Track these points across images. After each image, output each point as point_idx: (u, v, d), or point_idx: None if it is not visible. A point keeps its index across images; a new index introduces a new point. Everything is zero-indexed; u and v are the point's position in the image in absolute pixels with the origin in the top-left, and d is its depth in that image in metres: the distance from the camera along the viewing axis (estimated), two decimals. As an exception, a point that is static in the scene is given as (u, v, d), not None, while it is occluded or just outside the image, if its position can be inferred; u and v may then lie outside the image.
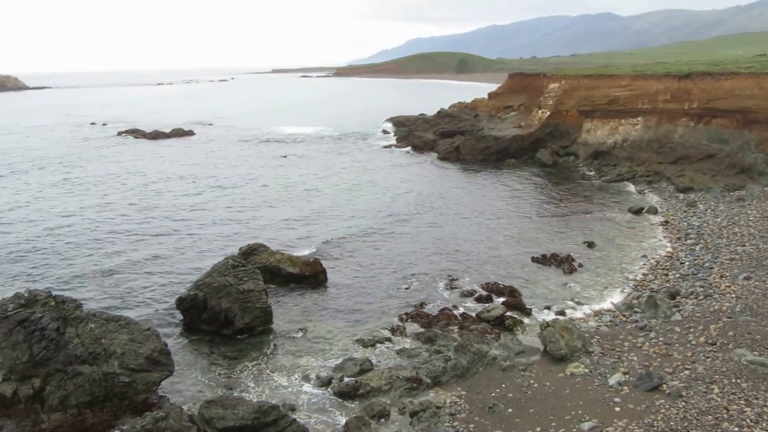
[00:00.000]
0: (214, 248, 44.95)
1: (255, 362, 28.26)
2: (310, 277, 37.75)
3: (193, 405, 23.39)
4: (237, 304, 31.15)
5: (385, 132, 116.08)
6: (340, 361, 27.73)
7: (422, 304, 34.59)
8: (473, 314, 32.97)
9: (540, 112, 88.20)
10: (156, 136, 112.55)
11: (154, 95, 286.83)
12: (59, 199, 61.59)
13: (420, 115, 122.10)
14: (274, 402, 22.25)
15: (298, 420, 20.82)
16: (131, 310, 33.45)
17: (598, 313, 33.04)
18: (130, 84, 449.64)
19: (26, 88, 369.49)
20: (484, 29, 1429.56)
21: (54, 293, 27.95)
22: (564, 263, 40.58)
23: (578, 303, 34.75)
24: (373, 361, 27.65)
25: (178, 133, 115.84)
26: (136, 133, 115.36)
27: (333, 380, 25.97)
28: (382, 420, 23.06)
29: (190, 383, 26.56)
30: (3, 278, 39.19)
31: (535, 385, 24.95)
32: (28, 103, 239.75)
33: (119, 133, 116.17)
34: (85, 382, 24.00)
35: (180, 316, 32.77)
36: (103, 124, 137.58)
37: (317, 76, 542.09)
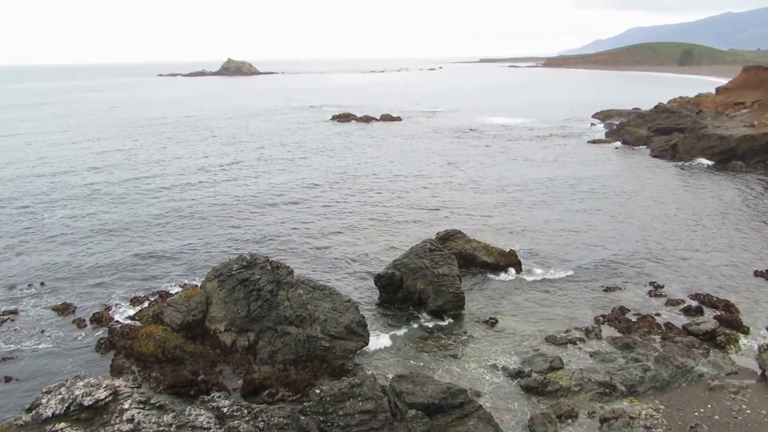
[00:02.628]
0: (412, 231, 46.48)
1: (444, 344, 28.79)
2: (504, 267, 37.42)
3: (384, 377, 24.54)
4: (431, 287, 31.95)
5: (593, 126, 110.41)
6: (529, 355, 27.17)
7: (622, 308, 32.51)
8: (679, 325, 30.24)
9: (779, 109, 77.37)
10: (366, 120, 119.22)
11: (366, 82, 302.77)
12: (274, 176, 68.06)
13: (634, 109, 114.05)
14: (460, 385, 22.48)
15: (483, 406, 20.80)
16: (334, 282, 35.95)
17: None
18: (346, 71, 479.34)
19: (258, 73, 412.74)
20: (717, 17, 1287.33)
21: (271, 258, 31.04)
22: (797, 282, 35.43)
23: (812, 329, 30.15)
24: (564, 360, 26.68)
25: (386, 118, 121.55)
26: (348, 117, 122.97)
27: (521, 373, 25.54)
28: (569, 420, 22.22)
29: (382, 356, 27.85)
30: (237, 242, 44.40)
31: (748, 411, 22.25)
32: (257, 87, 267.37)
33: (333, 117, 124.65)
34: (291, 342, 26.36)
35: (377, 292, 34.49)
36: (320, 108, 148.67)
37: (526, 67, 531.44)
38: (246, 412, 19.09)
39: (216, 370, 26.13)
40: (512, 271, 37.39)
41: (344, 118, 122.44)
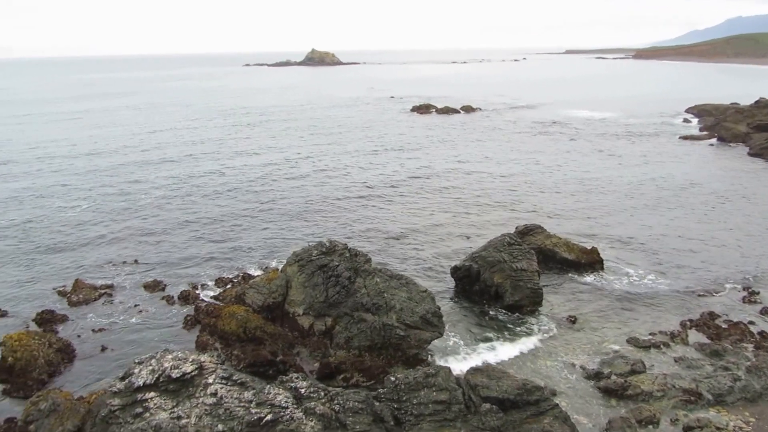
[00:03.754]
0: (490, 224, 45.97)
1: (519, 340, 28.39)
2: (586, 265, 36.38)
3: (458, 369, 24.48)
4: (509, 281, 31.53)
5: (686, 121, 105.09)
6: (609, 356, 26.36)
7: (711, 314, 30.92)
8: (776, 335, 28.48)
9: None
10: (446, 111, 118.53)
11: (448, 73, 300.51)
12: (354, 167, 68.86)
13: (732, 104, 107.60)
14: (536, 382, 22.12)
15: (559, 405, 20.39)
16: (410, 272, 36.10)
17: None
18: (427, 62, 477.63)
19: (340, 63, 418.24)
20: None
21: (350, 246, 31.51)
22: None
23: None
24: (647, 364, 25.70)
25: (467, 109, 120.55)
26: (428, 108, 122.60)
27: (600, 374, 24.83)
28: (650, 427, 21.42)
29: (456, 348, 27.78)
30: (318, 229, 45.40)
31: None
32: (340, 77, 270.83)
33: (413, 108, 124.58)
34: (367, 329, 26.71)
35: (453, 284, 34.38)
36: (401, 98, 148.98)
37: (614, 58, 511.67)
38: (323, 394, 19.54)
39: (293, 352, 26.88)
40: (594, 269, 36.30)
41: (424, 109, 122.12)
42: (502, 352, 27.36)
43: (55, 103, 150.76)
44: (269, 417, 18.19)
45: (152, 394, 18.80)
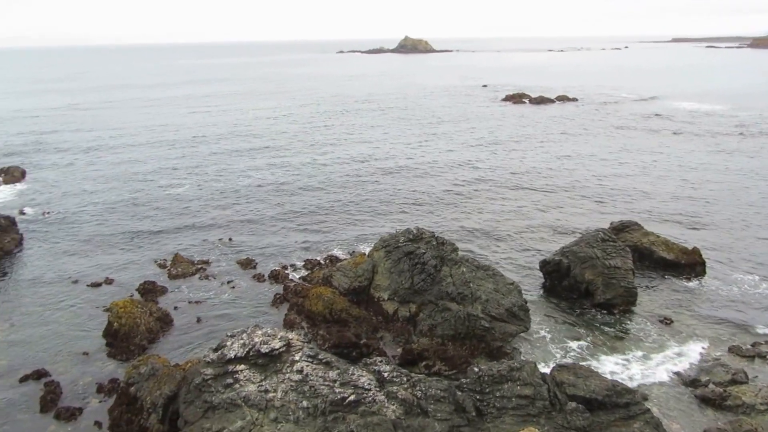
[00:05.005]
0: (582, 218, 44.45)
1: (610, 340, 27.32)
2: (685, 266, 34.42)
3: (544, 365, 23.91)
4: (601, 278, 30.40)
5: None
6: (708, 364, 24.89)
7: (826, 326, 28.55)
8: None
9: None
10: (540, 101, 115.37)
11: (544, 62, 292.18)
12: (443, 156, 68.37)
13: None
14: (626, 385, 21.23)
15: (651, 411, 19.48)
16: (497, 263, 35.54)
17: None
18: (523, 50, 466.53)
19: (433, 51, 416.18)
20: None
21: (437, 234, 31.38)
22: None
23: None
24: (749, 375, 24.08)
25: (563, 99, 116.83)
26: (521, 97, 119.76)
27: (696, 382, 23.50)
28: (751, 442, 20.07)
29: (542, 344, 27.11)
30: (406, 215, 45.58)
31: None
32: (433, 64, 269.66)
33: (506, 97, 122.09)
34: (451, 318, 26.55)
35: (541, 278, 33.55)
36: (494, 87, 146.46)
37: (726, 47, 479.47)
38: (405, 379, 19.62)
39: (377, 336, 27.16)
40: (695, 271, 34.28)
41: (518, 98, 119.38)
42: (590, 350, 26.45)
43: (161, 88, 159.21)
44: (352, 398, 18.47)
45: (242, 366, 19.55)
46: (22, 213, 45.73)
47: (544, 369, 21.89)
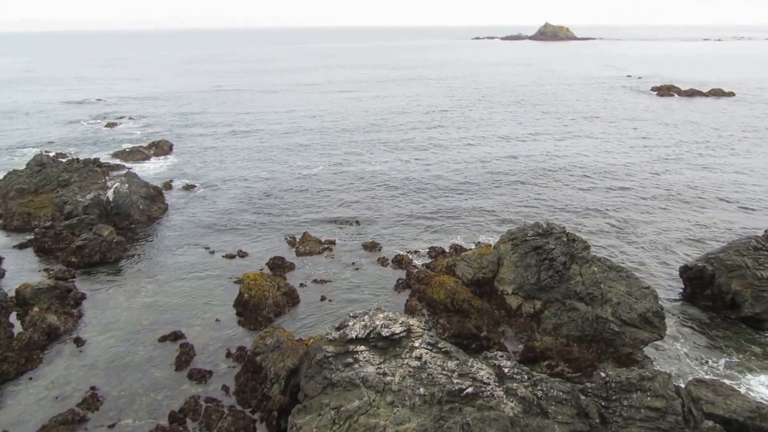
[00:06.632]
0: (728, 224, 40.78)
1: (757, 358, 24.87)
2: None
3: (679, 378, 22.25)
4: (750, 290, 27.72)
5: None
6: None
7: None
8: None
9: None
10: (691, 94, 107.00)
11: (698, 52, 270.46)
12: (576, 149, 65.37)
13: None
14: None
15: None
16: (631, 265, 33.51)
17: None
18: (673, 39, 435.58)
19: (574, 38, 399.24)
20: None
21: (567, 230, 30.07)
22: None
23: None
24: None
25: (716, 93, 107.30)
26: (670, 89, 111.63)
27: None
28: None
29: (677, 354, 25.26)
30: (535, 209, 44.32)
31: None
32: (573, 52, 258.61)
33: (653, 89, 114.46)
34: (578, 318, 25.39)
35: (679, 284, 31.21)
36: (639, 78, 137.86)
37: None
38: (526, 377, 19.03)
39: (498, 330, 26.60)
40: None
41: (665, 90, 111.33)
42: (733, 367, 24.24)
43: (305, 72, 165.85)
44: (470, 390, 18.20)
45: (362, 347, 19.89)
46: (169, 186, 49.63)
47: (679, 382, 20.34)
